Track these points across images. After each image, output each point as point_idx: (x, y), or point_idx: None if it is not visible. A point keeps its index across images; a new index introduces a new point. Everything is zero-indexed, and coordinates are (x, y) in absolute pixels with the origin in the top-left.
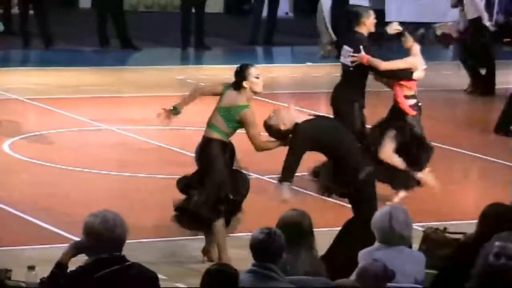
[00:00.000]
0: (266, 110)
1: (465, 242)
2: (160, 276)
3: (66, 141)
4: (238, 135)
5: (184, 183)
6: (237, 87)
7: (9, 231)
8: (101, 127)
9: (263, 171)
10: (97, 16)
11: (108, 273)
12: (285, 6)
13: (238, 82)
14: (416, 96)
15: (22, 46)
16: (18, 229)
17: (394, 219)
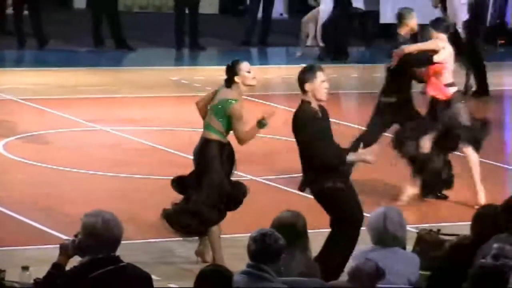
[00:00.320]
0: (259, 111)
1: (461, 243)
2: (154, 277)
3: (61, 142)
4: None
5: (181, 183)
6: (229, 83)
7: (5, 231)
8: (96, 128)
9: (261, 173)
10: (92, 17)
11: (102, 273)
12: (279, 7)
13: (230, 78)
14: (455, 84)
15: (17, 46)
16: (13, 229)
17: (388, 220)
